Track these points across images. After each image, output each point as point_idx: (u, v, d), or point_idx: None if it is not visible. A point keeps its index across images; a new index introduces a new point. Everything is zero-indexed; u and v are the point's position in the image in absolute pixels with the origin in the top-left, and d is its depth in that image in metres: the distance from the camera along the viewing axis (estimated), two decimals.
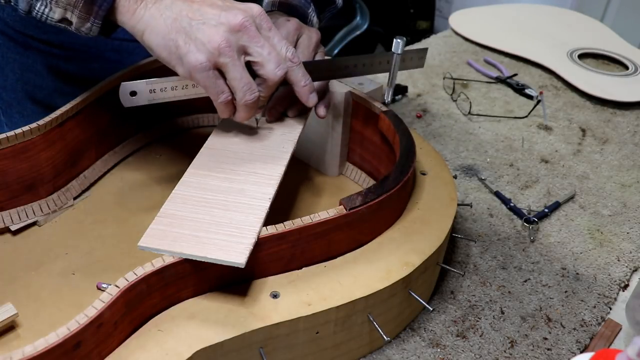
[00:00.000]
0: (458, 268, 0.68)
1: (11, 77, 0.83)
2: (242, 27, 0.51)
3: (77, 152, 0.65)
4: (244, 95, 0.53)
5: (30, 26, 0.79)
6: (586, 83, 1.08)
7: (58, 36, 0.79)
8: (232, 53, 0.51)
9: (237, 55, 0.52)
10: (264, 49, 0.53)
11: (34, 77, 0.82)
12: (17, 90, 0.83)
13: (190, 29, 0.51)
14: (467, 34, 1.27)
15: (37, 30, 0.79)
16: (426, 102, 1.03)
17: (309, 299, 0.50)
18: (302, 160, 0.75)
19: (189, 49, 0.51)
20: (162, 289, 0.47)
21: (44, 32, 0.79)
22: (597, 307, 0.64)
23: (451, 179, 0.65)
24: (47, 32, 0.79)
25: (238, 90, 0.53)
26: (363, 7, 2.06)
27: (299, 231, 0.50)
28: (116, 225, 0.63)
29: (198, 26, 0.51)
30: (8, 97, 0.84)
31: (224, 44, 0.50)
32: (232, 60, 0.52)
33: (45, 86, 0.83)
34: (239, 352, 0.48)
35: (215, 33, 0.50)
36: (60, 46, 0.80)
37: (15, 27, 0.79)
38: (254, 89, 0.54)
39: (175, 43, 0.51)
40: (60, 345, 0.40)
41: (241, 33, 0.51)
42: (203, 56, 0.51)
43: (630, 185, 0.84)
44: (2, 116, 0.87)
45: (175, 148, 0.75)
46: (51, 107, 0.61)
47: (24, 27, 0.79)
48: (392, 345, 0.58)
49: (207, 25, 0.51)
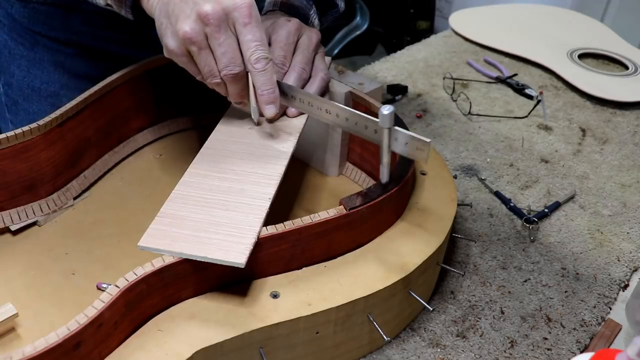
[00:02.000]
0: (458, 268, 0.68)
1: (17, 74, 0.83)
2: (206, 19, 0.51)
3: (77, 152, 0.65)
4: (207, 78, 0.55)
5: (38, 23, 0.79)
6: (586, 83, 1.08)
7: (65, 33, 0.79)
8: (198, 41, 0.52)
9: (204, 43, 0.53)
10: (220, 47, 0.53)
11: (40, 74, 0.82)
12: (24, 88, 0.83)
13: (172, 14, 0.53)
14: (467, 34, 1.27)
15: (44, 26, 0.79)
16: (426, 102, 1.03)
17: (309, 299, 0.50)
18: (302, 160, 0.75)
19: (166, 33, 0.53)
20: (162, 289, 0.47)
21: (52, 29, 0.79)
22: (597, 307, 0.64)
23: (451, 179, 0.65)
24: (55, 29, 0.79)
25: (204, 74, 0.55)
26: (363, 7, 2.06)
27: (299, 231, 0.50)
28: (116, 225, 0.63)
29: (177, 13, 0.52)
30: (14, 94, 0.84)
31: (189, 33, 0.51)
32: (198, 47, 0.52)
33: (52, 83, 0.83)
34: (239, 352, 0.48)
35: (184, 22, 0.52)
36: (67, 43, 0.80)
37: (23, 24, 0.79)
38: (215, 75, 0.54)
39: (160, 24, 0.54)
40: (60, 345, 0.40)
41: (205, 25, 0.52)
42: (174, 43, 0.53)
43: (630, 185, 0.84)
44: (8, 113, 0.87)
45: (175, 148, 0.75)
46: (57, 104, 0.62)
47: (31, 24, 0.79)
48: (392, 345, 0.58)
49: (183, 13, 0.52)
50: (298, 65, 0.61)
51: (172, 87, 0.74)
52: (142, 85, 0.71)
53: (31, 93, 0.83)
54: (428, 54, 1.19)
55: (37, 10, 0.78)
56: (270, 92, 0.55)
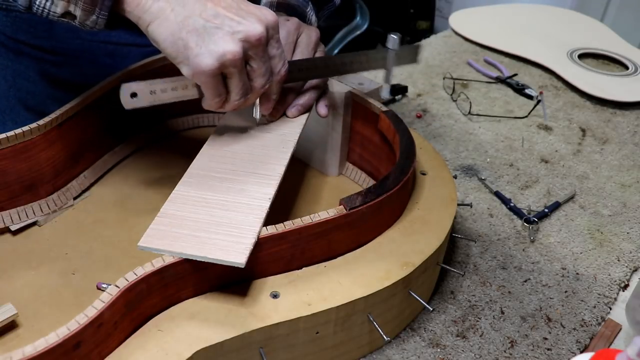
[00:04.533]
0: (458, 268, 0.68)
1: (3, 84, 0.82)
2: (259, 41, 0.51)
3: (77, 152, 0.65)
4: (236, 97, 0.54)
5: (21, 31, 0.77)
6: (586, 83, 1.08)
7: (50, 41, 0.78)
8: (241, 63, 0.51)
9: (244, 64, 0.52)
10: (264, 64, 0.53)
11: (26, 83, 0.81)
12: (10, 98, 0.82)
13: (204, 31, 0.50)
14: (467, 34, 1.27)
15: (28, 35, 0.77)
16: (426, 102, 1.03)
17: (309, 299, 0.50)
18: (302, 160, 0.75)
19: (200, 51, 0.50)
20: (162, 289, 0.47)
21: (36, 37, 0.78)
22: (597, 307, 0.64)
23: (451, 179, 0.65)
24: (39, 37, 0.78)
25: (234, 94, 0.54)
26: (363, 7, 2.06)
27: (299, 231, 0.50)
28: (116, 225, 0.63)
29: (213, 30, 0.50)
30: (0, 104, 0.83)
31: (238, 55, 0.50)
32: (240, 69, 0.52)
33: (38, 93, 0.81)
34: (239, 352, 0.48)
35: (231, 41, 0.50)
36: (52, 52, 0.79)
37: (6, 33, 0.78)
38: (247, 94, 0.54)
39: (185, 42, 0.50)
40: (60, 345, 0.40)
41: (255, 46, 0.51)
42: (214, 62, 0.50)
43: (630, 185, 0.84)
44: None
45: (175, 148, 0.75)
46: (44, 113, 0.60)
47: (15, 32, 0.78)
48: (392, 345, 0.58)
49: (222, 31, 0.50)
50: None
51: None
52: None
53: (17, 103, 0.82)
54: (428, 54, 1.19)
55: (20, 19, 0.76)
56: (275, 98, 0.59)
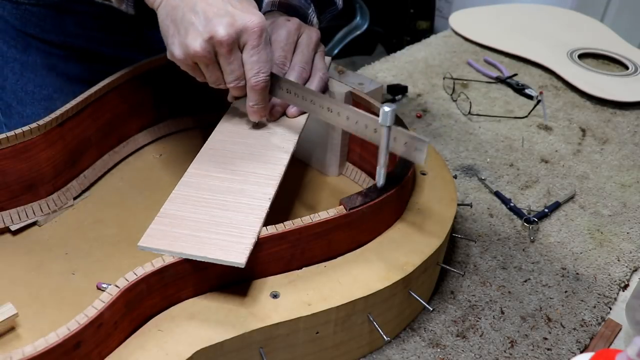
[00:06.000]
0: (458, 268, 0.68)
1: (11, 77, 0.82)
2: (219, 43, 0.53)
3: (77, 152, 0.65)
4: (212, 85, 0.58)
5: (30, 25, 0.78)
6: (586, 83, 1.08)
7: (58, 35, 0.79)
8: (207, 58, 0.54)
9: (213, 60, 0.54)
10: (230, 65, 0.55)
11: (34, 77, 0.82)
12: (17, 91, 0.83)
13: (180, 23, 0.53)
14: (467, 34, 1.27)
15: (37, 29, 0.79)
16: (426, 102, 1.03)
17: (309, 299, 0.50)
18: (302, 160, 0.75)
19: (173, 41, 0.54)
20: (162, 289, 0.47)
21: (44, 31, 0.79)
22: (597, 307, 0.64)
23: (451, 179, 0.65)
24: (47, 31, 0.79)
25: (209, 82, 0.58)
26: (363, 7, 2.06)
27: (299, 231, 0.50)
28: (116, 225, 0.63)
29: (185, 25, 0.53)
30: (8, 97, 0.84)
31: (200, 52, 0.53)
32: (206, 64, 0.55)
33: (45, 87, 0.82)
34: (239, 352, 0.48)
35: (195, 39, 0.53)
36: (61, 46, 0.80)
37: (16, 26, 0.79)
38: (220, 84, 0.57)
39: (166, 29, 0.55)
40: (60, 345, 0.40)
41: (219, 47, 0.53)
42: (182, 54, 0.54)
43: (630, 185, 0.84)
44: (2, 116, 0.87)
45: (175, 148, 0.75)
46: (51, 108, 0.61)
47: (24, 26, 0.79)
48: (392, 345, 0.58)
49: (193, 27, 0.53)
50: (298, 64, 0.61)
51: (172, 87, 0.74)
52: (142, 85, 0.71)
53: (25, 96, 0.83)
54: (428, 54, 1.19)
55: (29, 12, 0.78)
56: (258, 107, 0.58)
